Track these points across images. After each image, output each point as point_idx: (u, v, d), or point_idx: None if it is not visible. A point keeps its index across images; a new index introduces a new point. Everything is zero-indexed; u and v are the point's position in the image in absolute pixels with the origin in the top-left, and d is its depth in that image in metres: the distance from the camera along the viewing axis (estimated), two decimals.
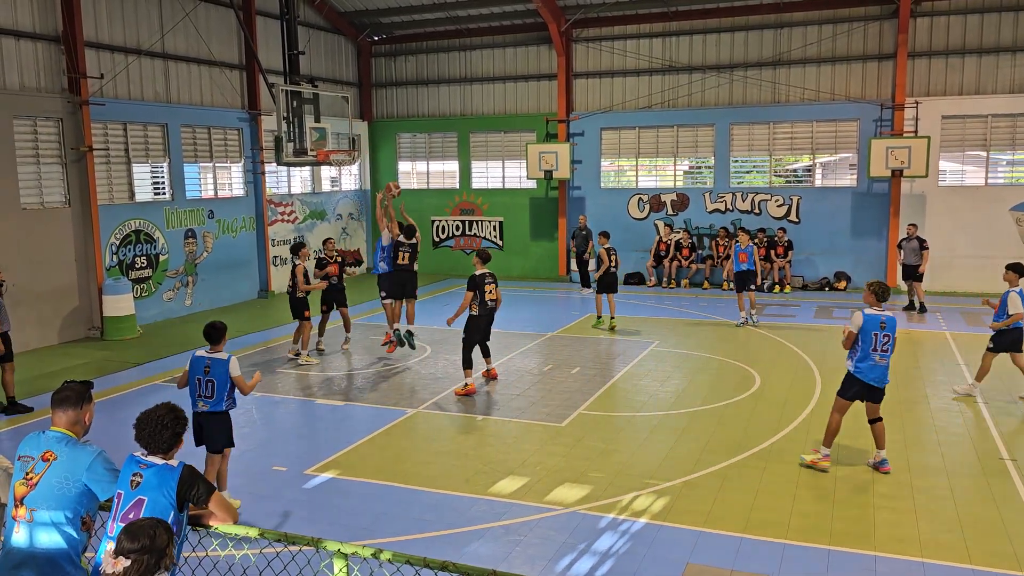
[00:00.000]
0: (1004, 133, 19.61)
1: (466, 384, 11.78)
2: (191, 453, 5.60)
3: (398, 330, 13.76)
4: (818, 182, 21.77)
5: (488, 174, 24.63)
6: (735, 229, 20.75)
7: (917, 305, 17.63)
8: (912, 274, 17.73)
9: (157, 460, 4.21)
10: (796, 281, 20.87)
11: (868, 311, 8.46)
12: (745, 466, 8.80)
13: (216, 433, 7.71)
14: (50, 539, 4.23)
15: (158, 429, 4.22)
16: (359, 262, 25.23)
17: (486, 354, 12.35)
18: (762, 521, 7.42)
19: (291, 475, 8.75)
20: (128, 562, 3.46)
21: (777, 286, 20.56)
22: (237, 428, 10.42)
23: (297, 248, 14.28)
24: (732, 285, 17.22)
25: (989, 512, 7.57)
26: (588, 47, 22.73)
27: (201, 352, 7.87)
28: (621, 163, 23.42)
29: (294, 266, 14.00)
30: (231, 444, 7.87)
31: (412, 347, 13.74)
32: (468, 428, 10.28)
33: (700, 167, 22.58)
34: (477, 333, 11.97)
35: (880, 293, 8.52)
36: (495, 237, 24.43)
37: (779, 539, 7.05)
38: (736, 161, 21.96)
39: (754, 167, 22.06)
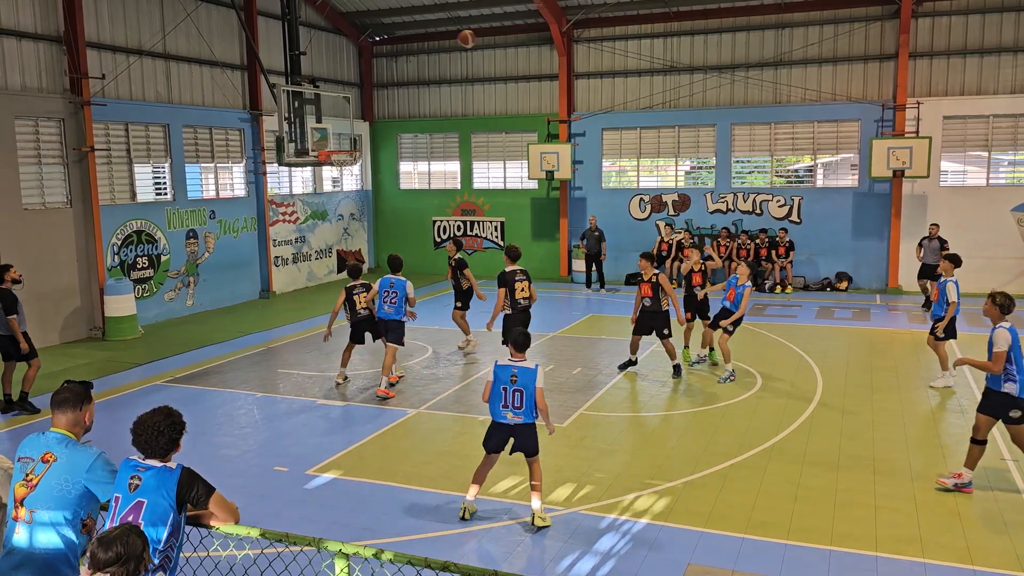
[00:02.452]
0: (1005, 133, 19.59)
1: None
2: (184, 456, 5.60)
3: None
4: (819, 182, 21.76)
5: (489, 174, 24.63)
6: (732, 246, 20.72)
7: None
8: (930, 273, 17.80)
9: (155, 463, 4.20)
10: (797, 281, 20.86)
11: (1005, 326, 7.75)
12: (746, 466, 8.79)
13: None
14: (49, 540, 4.23)
15: (154, 436, 4.21)
16: (360, 262, 25.21)
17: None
18: (763, 521, 7.41)
19: (292, 475, 8.76)
20: None
21: (779, 286, 20.54)
22: (239, 428, 10.46)
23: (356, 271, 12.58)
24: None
25: (990, 512, 7.56)
26: (589, 47, 22.73)
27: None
28: (622, 163, 23.41)
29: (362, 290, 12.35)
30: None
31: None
32: (468, 428, 10.28)
33: (701, 167, 22.57)
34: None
35: (1005, 306, 7.86)
36: (496, 237, 24.44)
37: (780, 539, 7.05)
38: (737, 161, 21.95)
39: (755, 167, 22.05)
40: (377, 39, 24.85)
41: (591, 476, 8.56)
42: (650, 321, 12.39)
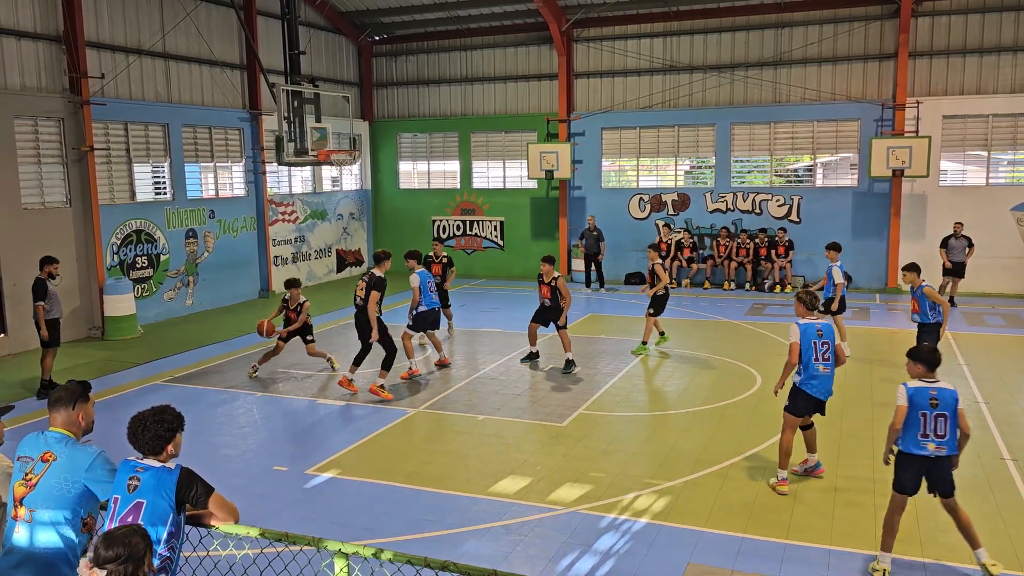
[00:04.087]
0: (1005, 133, 19.60)
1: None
2: (183, 455, 5.60)
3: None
4: (819, 182, 21.76)
5: (489, 174, 24.63)
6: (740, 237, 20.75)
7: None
8: (959, 271, 17.98)
9: (153, 463, 4.19)
10: (797, 281, 20.86)
11: (802, 321, 8.13)
12: (746, 466, 8.79)
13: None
14: (48, 539, 4.23)
15: (140, 429, 4.20)
16: (359, 262, 25.23)
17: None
18: (763, 521, 7.41)
19: (292, 475, 8.75)
20: (104, 573, 3.40)
21: (778, 286, 20.55)
22: (237, 428, 10.45)
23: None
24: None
25: (989, 512, 7.56)
26: (589, 47, 22.72)
27: None
28: (622, 163, 23.41)
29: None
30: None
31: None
32: (469, 428, 10.28)
33: (701, 167, 22.57)
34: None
35: (807, 302, 8.19)
36: (496, 237, 24.43)
37: (780, 539, 7.05)
38: (737, 161, 21.95)
39: (755, 167, 22.05)
40: (377, 39, 24.85)
41: (590, 476, 8.56)
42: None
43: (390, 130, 25.35)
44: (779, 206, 21.39)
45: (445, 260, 15.70)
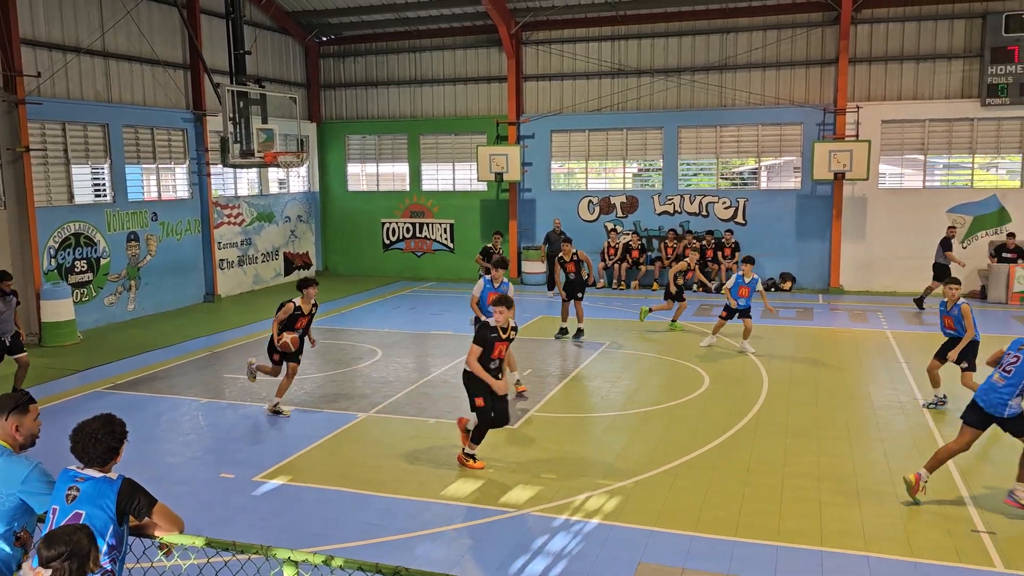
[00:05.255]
0: (941, 137, 20.24)
1: None
2: (127, 464, 5.45)
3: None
4: (764, 184, 22.19)
5: (439, 176, 24.55)
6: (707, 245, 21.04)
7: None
8: (944, 274, 18.15)
9: (94, 473, 4.07)
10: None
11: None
12: (696, 465, 8.90)
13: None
14: None
15: (91, 443, 4.07)
16: (307, 265, 24.91)
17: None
18: (713, 519, 7.51)
19: (239, 482, 8.59)
20: (49, 572, 3.35)
21: (725, 287, 20.82)
22: (183, 435, 10.22)
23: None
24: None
25: (928, 505, 7.77)
26: (538, 50, 22.81)
27: None
28: (571, 165, 23.55)
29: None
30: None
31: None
32: (420, 431, 10.22)
33: (649, 170, 22.84)
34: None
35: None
36: (446, 240, 24.36)
37: (729, 537, 7.15)
38: (684, 164, 22.26)
39: (701, 170, 22.39)
40: (324, 39, 24.58)
41: (542, 478, 8.57)
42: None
43: (338, 132, 25.10)
44: (725, 208, 21.74)
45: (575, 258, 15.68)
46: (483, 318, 11.42)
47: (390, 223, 24.90)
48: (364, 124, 24.85)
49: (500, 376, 8.85)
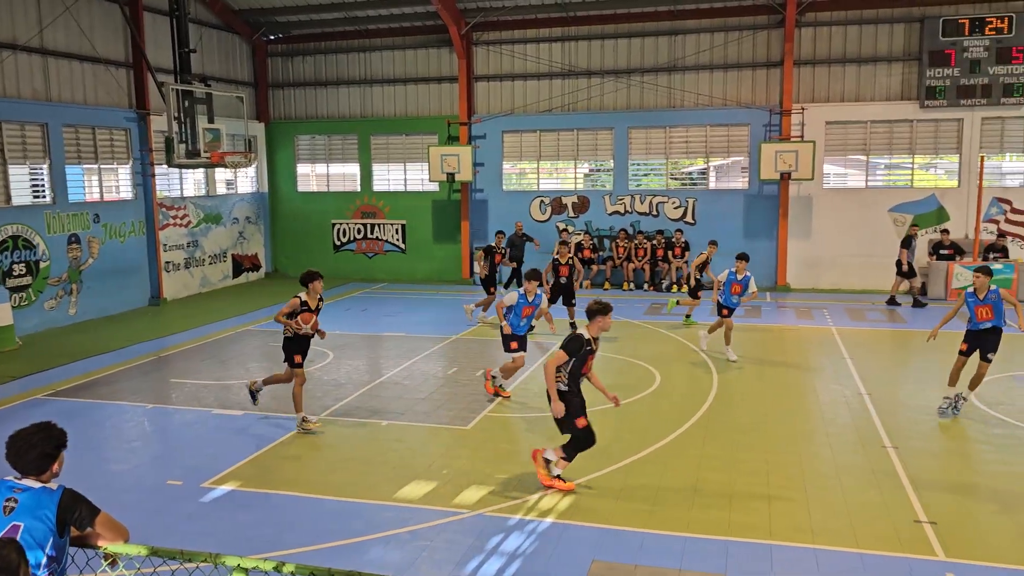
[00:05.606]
0: (882, 138, 20.77)
1: None
2: (69, 472, 5.33)
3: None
4: (712, 184, 22.52)
5: (390, 176, 24.39)
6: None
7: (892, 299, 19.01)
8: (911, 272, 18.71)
9: (33, 484, 3.94)
10: (693, 281, 21.45)
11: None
12: (648, 462, 8.99)
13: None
14: None
15: (24, 448, 3.94)
16: (257, 267, 24.55)
17: None
18: (664, 516, 7.59)
19: (187, 489, 8.41)
20: None
21: (675, 286, 21.11)
22: (127, 442, 9.98)
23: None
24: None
25: (873, 498, 7.97)
26: (489, 50, 22.81)
27: None
28: (523, 166, 23.61)
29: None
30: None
31: None
32: (373, 434, 10.13)
33: (600, 170, 23.01)
34: None
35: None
36: (398, 240, 24.22)
37: (681, 532, 7.23)
38: (634, 164, 22.48)
39: (651, 170, 22.63)
40: (272, 38, 24.23)
41: (495, 478, 8.57)
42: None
43: (287, 132, 24.77)
44: (675, 208, 22.01)
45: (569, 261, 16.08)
46: (508, 329, 11.46)
47: (341, 224, 24.66)
48: (314, 124, 24.57)
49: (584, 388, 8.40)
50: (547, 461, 8.23)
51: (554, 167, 23.39)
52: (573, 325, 15.43)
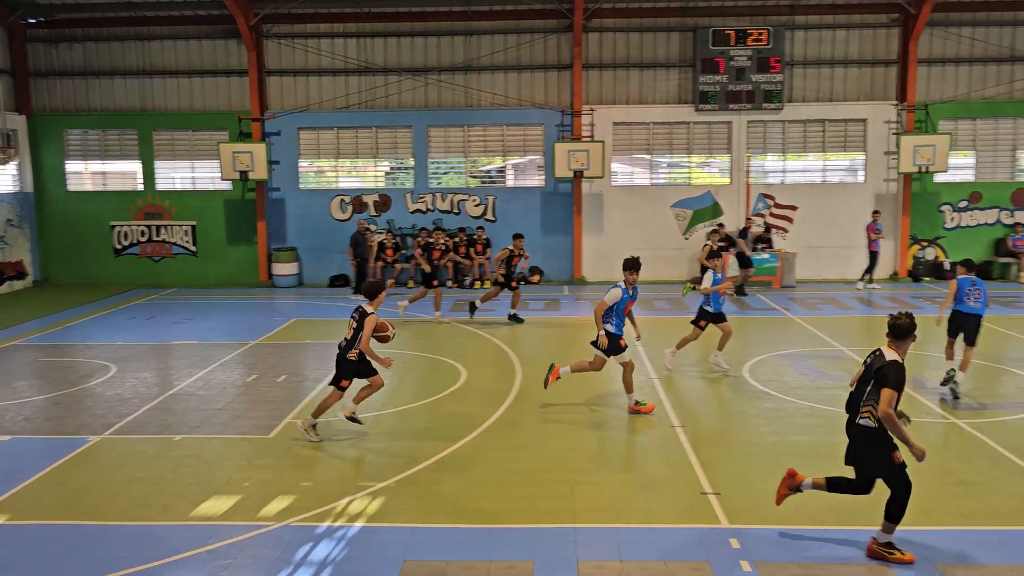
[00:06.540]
0: (663, 139, 22.27)
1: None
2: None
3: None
4: (510, 182, 23.12)
5: (176, 175, 22.90)
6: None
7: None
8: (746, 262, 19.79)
9: None
10: (495, 277, 21.91)
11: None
12: (457, 457, 9.05)
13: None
14: None
15: None
16: (22, 275, 22.18)
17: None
18: (475, 509, 7.68)
19: None
20: None
21: (478, 282, 21.46)
22: None
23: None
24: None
25: (665, 475, 8.52)
26: (281, 44, 22.00)
27: None
28: (320, 164, 23.01)
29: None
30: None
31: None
32: (164, 450, 9.46)
33: (400, 168, 22.90)
34: None
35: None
36: (188, 242, 22.78)
37: (491, 525, 7.35)
38: (434, 162, 22.58)
39: (451, 168, 22.85)
40: (32, 21, 21.92)
41: (301, 486, 8.29)
42: None
43: (54, 126, 22.54)
44: (475, 206, 22.36)
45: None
46: (604, 330, 10.49)
47: (122, 226, 22.82)
48: (85, 117, 22.52)
49: None
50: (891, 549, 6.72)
51: (353, 165, 23.00)
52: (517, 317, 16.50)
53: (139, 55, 22.31)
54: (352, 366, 9.58)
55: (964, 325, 11.18)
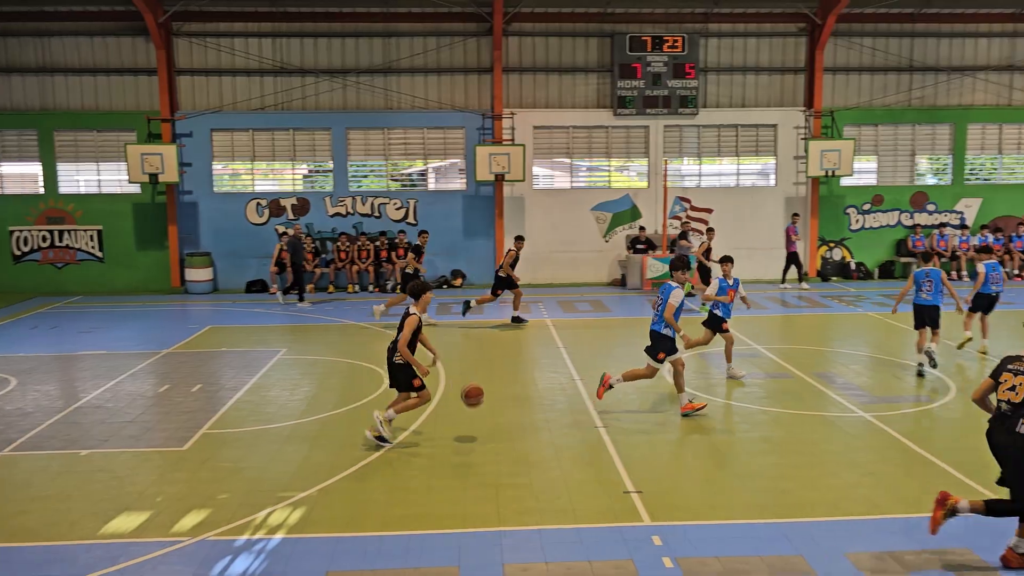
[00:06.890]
0: (583, 143, 22.53)
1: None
2: None
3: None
4: (432, 186, 23.00)
5: (81, 177, 21.96)
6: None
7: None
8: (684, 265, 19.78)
9: None
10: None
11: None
12: (381, 464, 8.92)
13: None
14: None
15: None
16: None
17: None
18: (400, 516, 7.58)
19: None
20: None
21: (399, 287, 21.22)
22: None
23: None
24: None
25: (588, 475, 8.59)
26: (192, 43, 21.35)
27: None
28: (235, 166, 22.42)
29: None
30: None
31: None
32: (71, 466, 9.02)
33: (319, 171, 22.51)
34: None
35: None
36: (93, 248, 21.86)
37: (417, 531, 7.26)
38: (354, 165, 22.28)
39: (372, 171, 22.58)
40: None
41: (218, 499, 8.02)
42: None
43: None
44: (397, 209, 22.17)
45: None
46: (673, 332, 10.24)
47: (21, 231, 21.73)
48: None
49: None
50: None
51: (270, 168, 22.49)
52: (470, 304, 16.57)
53: (38, 51, 21.29)
54: (400, 371, 9.44)
55: (988, 306, 13.71)
